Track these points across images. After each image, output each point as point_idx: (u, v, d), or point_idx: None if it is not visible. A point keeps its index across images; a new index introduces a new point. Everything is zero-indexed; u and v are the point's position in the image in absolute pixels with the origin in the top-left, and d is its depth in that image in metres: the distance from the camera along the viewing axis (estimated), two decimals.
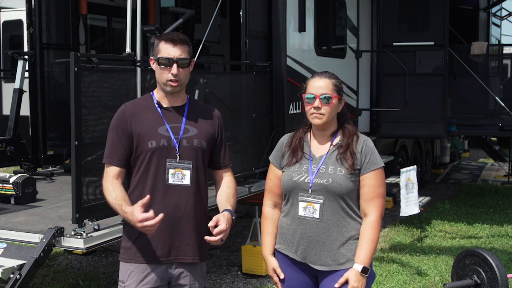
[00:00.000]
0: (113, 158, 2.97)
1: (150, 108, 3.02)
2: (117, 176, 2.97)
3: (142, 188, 2.97)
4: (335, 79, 3.09)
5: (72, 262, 6.67)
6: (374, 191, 2.99)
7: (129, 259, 3.00)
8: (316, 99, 3.01)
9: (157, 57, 2.97)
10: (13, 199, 5.14)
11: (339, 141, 3.06)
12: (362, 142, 3.04)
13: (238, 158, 5.92)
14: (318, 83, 3.05)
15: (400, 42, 8.48)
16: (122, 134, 2.96)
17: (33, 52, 6.71)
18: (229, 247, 7.26)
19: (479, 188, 11.30)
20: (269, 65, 6.14)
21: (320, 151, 3.08)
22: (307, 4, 6.57)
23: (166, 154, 2.95)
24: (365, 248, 2.95)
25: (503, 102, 9.09)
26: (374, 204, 2.99)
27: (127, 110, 3.02)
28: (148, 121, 2.98)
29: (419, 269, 6.36)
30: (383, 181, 3.04)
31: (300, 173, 3.04)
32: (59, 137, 6.92)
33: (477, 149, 15.47)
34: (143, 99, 3.15)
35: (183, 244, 2.99)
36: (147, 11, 8.15)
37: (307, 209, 3.00)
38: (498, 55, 10.70)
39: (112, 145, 2.98)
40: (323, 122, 3.03)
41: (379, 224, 2.99)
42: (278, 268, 3.12)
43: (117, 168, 2.97)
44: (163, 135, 2.96)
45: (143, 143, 2.95)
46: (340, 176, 2.97)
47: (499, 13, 13.20)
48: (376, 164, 3.01)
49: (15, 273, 3.77)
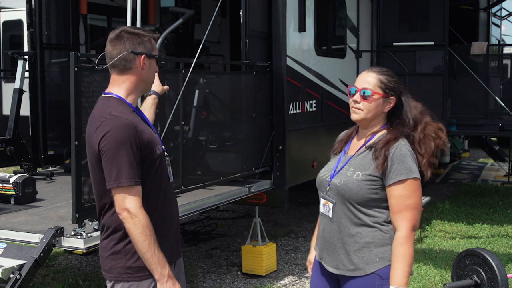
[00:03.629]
0: (137, 177, 2.60)
1: (133, 113, 2.74)
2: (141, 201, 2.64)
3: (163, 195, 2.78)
4: (384, 75, 2.89)
5: (72, 262, 6.67)
6: (402, 203, 2.75)
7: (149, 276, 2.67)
8: (357, 92, 2.88)
9: (156, 55, 2.81)
10: (13, 199, 5.14)
11: (373, 143, 2.87)
12: (395, 147, 2.79)
13: (238, 158, 5.92)
14: (364, 76, 2.90)
15: (400, 42, 8.49)
16: (136, 149, 2.61)
17: (33, 52, 6.71)
18: (229, 247, 7.26)
19: (479, 188, 11.29)
20: (269, 65, 6.14)
21: (353, 150, 2.96)
22: (307, 4, 6.57)
23: (164, 155, 2.87)
24: (396, 267, 2.74)
25: (503, 102, 9.08)
26: (402, 217, 2.75)
27: (130, 119, 2.65)
28: (144, 127, 2.74)
29: (419, 269, 6.36)
30: (414, 193, 2.77)
31: (327, 170, 2.99)
32: (59, 137, 6.92)
33: (477, 149, 15.46)
34: (120, 105, 2.73)
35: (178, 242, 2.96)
36: (147, 11, 8.15)
37: (325, 206, 2.94)
38: (498, 55, 10.70)
39: (131, 162, 2.58)
40: (360, 117, 2.88)
41: (409, 238, 2.74)
42: (311, 265, 3.15)
43: (140, 188, 2.64)
44: (156, 136, 2.82)
45: (151, 151, 2.70)
46: (354, 180, 2.81)
47: (499, 13, 13.19)
48: (403, 175, 2.75)
49: (15, 273, 3.77)
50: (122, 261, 2.68)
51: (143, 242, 2.57)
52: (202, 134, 5.66)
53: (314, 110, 6.80)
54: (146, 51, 2.77)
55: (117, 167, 2.57)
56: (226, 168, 5.87)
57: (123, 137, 2.58)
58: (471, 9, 11.03)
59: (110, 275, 2.72)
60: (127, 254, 2.67)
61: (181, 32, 8.97)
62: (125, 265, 2.67)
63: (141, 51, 2.75)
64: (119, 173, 2.57)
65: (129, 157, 2.58)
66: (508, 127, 9.02)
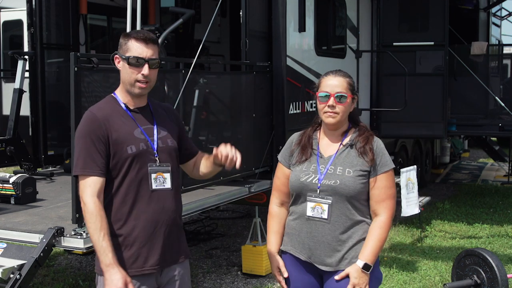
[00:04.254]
0: (93, 168, 2.70)
1: (119, 111, 2.84)
2: (100, 191, 2.73)
3: (124, 197, 2.79)
4: (349, 77, 3.05)
5: (72, 262, 6.67)
6: (385, 193, 2.97)
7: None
8: (331, 97, 2.96)
9: (126, 56, 2.80)
10: (13, 199, 5.14)
11: (349, 141, 3.02)
12: (375, 142, 3.01)
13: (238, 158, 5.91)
14: (332, 81, 3.00)
15: (400, 42, 8.48)
16: (98, 141, 2.73)
17: (33, 52, 6.71)
18: (229, 247, 7.26)
19: (479, 188, 11.30)
20: (269, 65, 6.14)
21: (329, 151, 3.04)
22: (307, 4, 6.57)
23: (146, 159, 2.81)
24: (370, 245, 2.92)
25: (503, 102, 9.08)
26: (385, 206, 2.96)
27: (98, 114, 2.78)
28: (122, 125, 2.80)
29: (419, 269, 6.36)
30: (393, 183, 3.02)
31: (308, 173, 3.01)
32: (59, 137, 6.92)
33: (477, 149, 15.47)
34: (107, 102, 2.89)
35: (172, 249, 2.91)
36: (147, 11, 8.15)
37: (315, 209, 2.97)
38: (498, 55, 10.70)
39: (89, 153, 2.72)
40: (336, 121, 2.99)
41: (388, 224, 2.97)
42: (283, 267, 3.10)
43: (100, 179, 2.72)
44: (140, 138, 2.81)
45: (121, 149, 2.76)
46: (348, 178, 2.93)
47: (499, 13, 13.19)
48: (387, 166, 2.98)
49: (15, 273, 3.77)
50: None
51: (89, 228, 2.71)
52: (202, 134, 5.66)
53: (314, 110, 6.80)
54: (120, 52, 2.85)
55: (76, 157, 2.78)
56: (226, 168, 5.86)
57: (82, 130, 2.78)
58: (471, 9, 11.03)
59: (96, 268, 2.88)
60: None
61: (181, 32, 8.98)
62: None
63: (116, 52, 2.87)
64: (76, 162, 2.76)
65: (86, 148, 2.73)
66: (508, 127, 9.02)
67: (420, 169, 10.37)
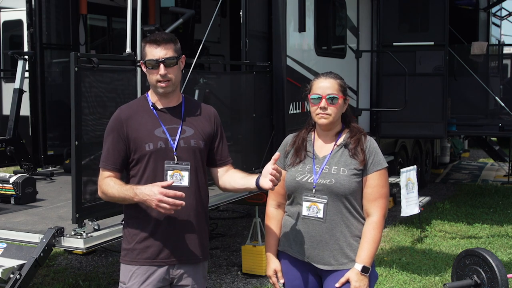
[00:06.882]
0: (108, 163, 2.98)
1: (146, 110, 3.02)
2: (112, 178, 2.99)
3: None
4: (340, 79, 3.10)
5: (72, 262, 6.67)
6: (377, 192, 3.00)
7: (131, 261, 3.00)
8: (322, 99, 3.02)
9: (144, 61, 2.99)
10: (13, 199, 5.15)
11: (343, 141, 3.07)
12: (368, 141, 3.05)
13: (238, 158, 5.91)
14: (323, 83, 3.07)
15: (400, 42, 8.48)
16: (118, 139, 2.96)
17: (33, 52, 6.71)
18: (229, 247, 7.26)
19: (479, 188, 11.30)
20: (269, 65, 6.14)
21: (323, 151, 3.08)
22: (307, 4, 6.57)
23: (164, 156, 2.94)
24: (366, 247, 2.95)
25: (503, 102, 9.09)
26: (377, 205, 2.99)
27: (122, 113, 3.01)
28: (144, 123, 2.98)
29: (419, 269, 6.36)
30: (386, 182, 3.05)
31: (303, 173, 3.05)
32: (59, 137, 6.92)
33: (477, 149, 15.48)
34: (138, 101, 3.13)
35: (185, 245, 2.99)
36: (147, 11, 8.14)
37: (311, 208, 3.01)
38: (498, 55, 10.71)
39: (108, 150, 2.99)
40: (329, 122, 3.04)
41: (381, 224, 3.00)
42: (280, 271, 3.13)
43: (111, 172, 2.98)
44: (160, 137, 2.95)
45: (141, 146, 2.94)
46: (343, 177, 2.97)
47: (499, 13, 13.19)
48: (380, 165, 3.02)
49: (15, 273, 3.77)
50: (123, 244, 3.06)
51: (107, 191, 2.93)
52: None
53: None
54: (142, 58, 3.04)
55: (102, 151, 3.03)
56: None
57: (110, 126, 3.02)
58: (471, 9, 11.03)
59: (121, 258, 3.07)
60: (124, 238, 3.05)
61: (181, 32, 8.97)
62: (122, 247, 3.05)
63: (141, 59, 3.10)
64: (101, 156, 3.03)
65: (107, 144, 2.99)
66: (508, 127, 9.02)
67: (420, 169, 10.38)
